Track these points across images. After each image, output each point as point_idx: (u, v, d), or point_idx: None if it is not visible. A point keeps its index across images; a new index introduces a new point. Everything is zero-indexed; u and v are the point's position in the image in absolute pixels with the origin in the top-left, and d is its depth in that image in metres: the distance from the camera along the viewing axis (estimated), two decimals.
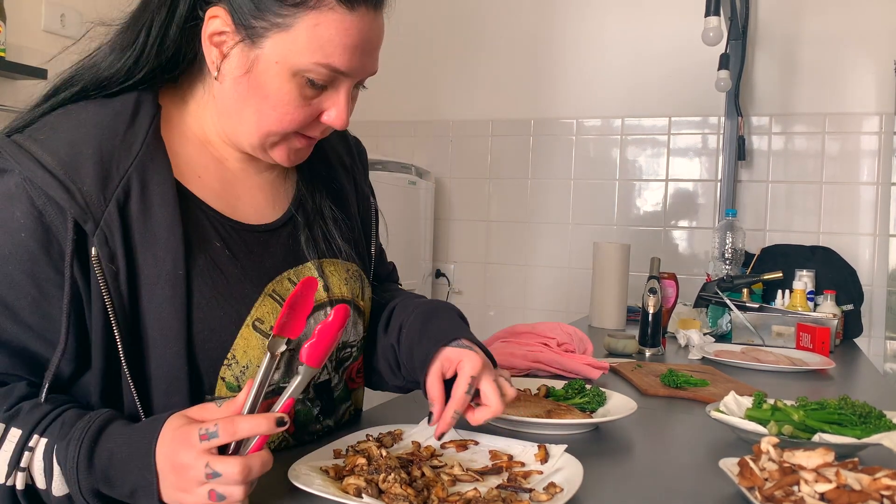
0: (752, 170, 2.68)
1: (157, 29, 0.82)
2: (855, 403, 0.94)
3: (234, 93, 0.81)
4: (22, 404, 0.72)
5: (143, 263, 0.75)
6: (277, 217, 0.91)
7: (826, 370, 1.58)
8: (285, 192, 0.94)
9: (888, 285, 2.45)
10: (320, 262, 0.92)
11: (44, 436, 0.70)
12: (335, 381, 0.94)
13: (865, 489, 0.64)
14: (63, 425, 0.70)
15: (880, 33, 2.50)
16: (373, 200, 1.08)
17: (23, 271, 0.72)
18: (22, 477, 0.69)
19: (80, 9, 2.39)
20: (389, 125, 3.16)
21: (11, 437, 0.70)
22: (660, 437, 1.03)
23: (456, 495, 0.69)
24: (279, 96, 0.79)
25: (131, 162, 0.77)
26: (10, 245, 0.72)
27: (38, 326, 0.74)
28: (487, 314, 3.04)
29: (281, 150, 0.85)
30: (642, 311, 1.69)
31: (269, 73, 0.79)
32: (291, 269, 0.88)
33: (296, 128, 0.82)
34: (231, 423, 0.64)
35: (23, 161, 0.73)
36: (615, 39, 2.85)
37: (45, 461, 0.69)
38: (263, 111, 0.81)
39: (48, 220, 0.72)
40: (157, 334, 0.75)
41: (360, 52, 0.80)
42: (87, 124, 0.77)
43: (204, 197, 0.84)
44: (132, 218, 0.75)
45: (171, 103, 0.87)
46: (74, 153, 0.74)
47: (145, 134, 0.79)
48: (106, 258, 0.73)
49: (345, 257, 0.96)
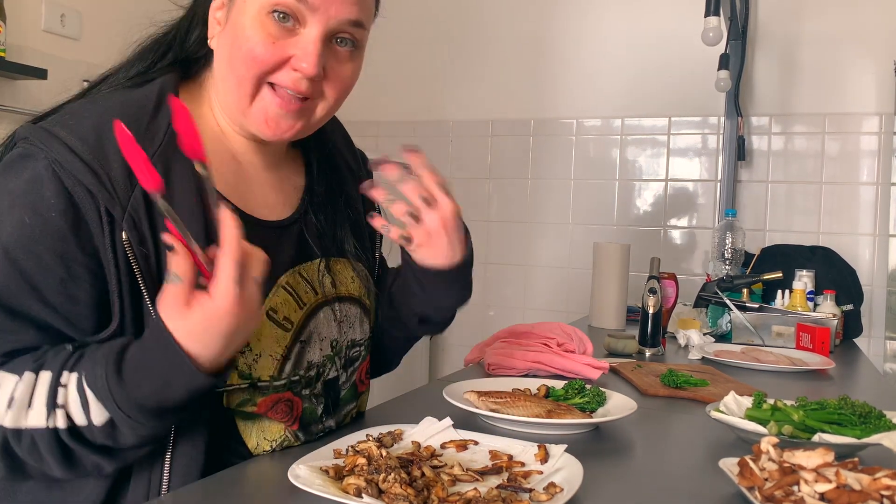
0: (751, 170, 2.68)
1: (183, 31, 0.88)
2: (855, 403, 0.94)
3: (219, 52, 0.84)
4: (47, 355, 0.73)
5: (166, 249, 0.76)
6: (288, 214, 0.92)
7: (826, 370, 1.58)
8: (295, 191, 0.96)
9: (888, 285, 2.45)
10: (328, 259, 0.94)
11: (73, 371, 0.72)
12: (342, 378, 0.95)
13: (865, 489, 0.64)
14: (89, 357, 0.72)
15: (880, 33, 2.50)
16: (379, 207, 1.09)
17: (52, 251, 0.73)
18: (62, 414, 0.70)
19: (80, 9, 2.39)
20: (389, 125, 3.16)
21: (43, 380, 0.71)
22: (660, 437, 1.03)
23: (456, 495, 0.69)
24: (246, 34, 0.80)
25: (155, 150, 0.78)
26: (40, 225, 0.72)
27: (63, 308, 0.74)
28: (487, 314, 3.04)
29: (258, 109, 0.83)
30: (642, 311, 1.69)
31: (240, 16, 0.81)
32: (300, 264, 0.90)
33: (261, 67, 0.80)
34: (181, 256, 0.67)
35: (52, 145, 0.74)
36: (615, 39, 2.85)
37: (79, 393, 0.71)
38: (235, 56, 0.81)
39: (77, 202, 0.73)
40: None
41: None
42: (113, 112, 0.78)
43: (221, 189, 0.85)
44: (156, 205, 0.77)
45: (189, 97, 0.88)
46: (101, 139, 0.75)
47: (168, 124, 0.80)
48: (136, 242, 0.74)
49: (353, 257, 0.98)
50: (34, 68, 2.13)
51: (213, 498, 0.71)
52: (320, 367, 0.91)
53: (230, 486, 0.74)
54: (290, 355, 0.86)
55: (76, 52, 2.38)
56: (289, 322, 0.87)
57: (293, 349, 0.87)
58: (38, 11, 2.27)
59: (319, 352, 0.91)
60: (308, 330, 0.89)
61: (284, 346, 0.86)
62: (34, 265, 0.73)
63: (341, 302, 0.94)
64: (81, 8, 2.40)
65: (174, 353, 0.68)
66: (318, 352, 0.90)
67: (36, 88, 2.23)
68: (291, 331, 0.87)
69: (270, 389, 0.84)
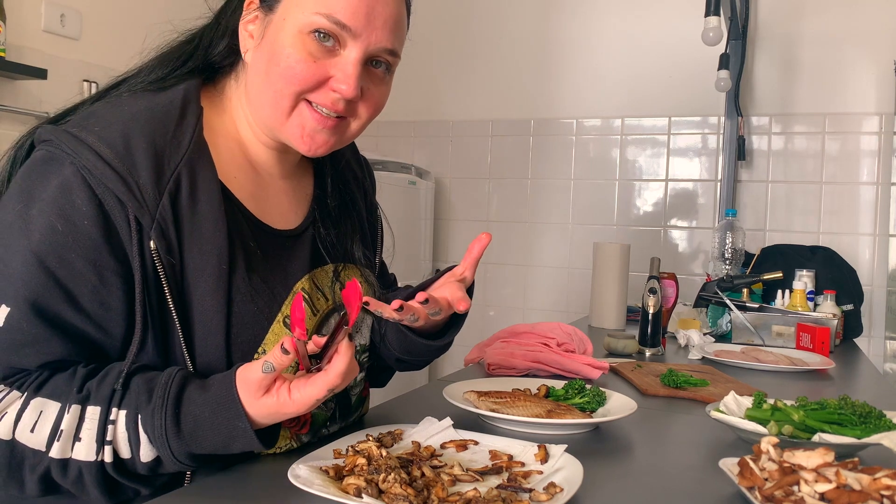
0: (752, 170, 2.68)
1: (207, 40, 0.88)
2: (855, 403, 0.94)
3: (255, 66, 0.84)
4: (89, 383, 0.74)
5: (190, 257, 0.77)
6: (299, 223, 0.93)
7: (826, 370, 1.58)
8: (305, 199, 0.97)
9: (888, 285, 2.46)
10: (337, 266, 0.95)
11: (122, 408, 0.73)
12: (352, 384, 0.95)
13: (865, 489, 0.64)
14: (138, 394, 0.73)
15: (880, 33, 2.50)
16: (381, 214, 1.11)
17: (85, 258, 0.73)
18: (109, 450, 0.72)
19: (80, 9, 2.39)
20: (389, 125, 3.16)
21: (92, 415, 0.72)
22: (660, 437, 1.03)
23: (456, 495, 0.69)
24: (286, 52, 0.80)
25: (181, 158, 0.79)
26: (72, 233, 0.73)
27: (96, 314, 0.75)
28: (487, 314, 3.05)
29: (295, 124, 0.84)
30: (642, 311, 1.69)
31: (278, 32, 0.81)
32: (312, 271, 0.91)
33: (301, 85, 0.81)
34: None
35: (81, 152, 0.74)
36: (615, 39, 2.85)
37: (128, 431, 0.72)
38: (273, 72, 0.82)
39: (108, 209, 0.74)
40: (199, 326, 0.78)
41: (365, 14, 0.81)
42: (140, 119, 0.78)
43: (241, 198, 0.86)
44: (182, 212, 0.77)
45: (209, 104, 0.89)
46: (130, 146, 0.76)
47: (192, 133, 0.81)
48: (164, 250, 0.75)
49: (361, 263, 0.99)
50: (34, 68, 2.13)
51: (214, 498, 0.71)
52: None
53: (230, 486, 0.74)
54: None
55: (76, 52, 2.38)
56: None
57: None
58: (38, 11, 2.27)
59: None
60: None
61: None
62: (68, 272, 0.73)
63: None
64: (81, 8, 2.40)
65: (240, 421, 0.72)
66: None
67: (36, 88, 2.23)
68: (306, 338, 0.87)
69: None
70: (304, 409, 0.72)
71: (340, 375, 0.71)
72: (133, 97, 0.83)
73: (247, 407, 0.71)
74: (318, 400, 0.72)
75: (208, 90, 0.90)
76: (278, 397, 0.71)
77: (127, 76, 0.89)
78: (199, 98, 0.86)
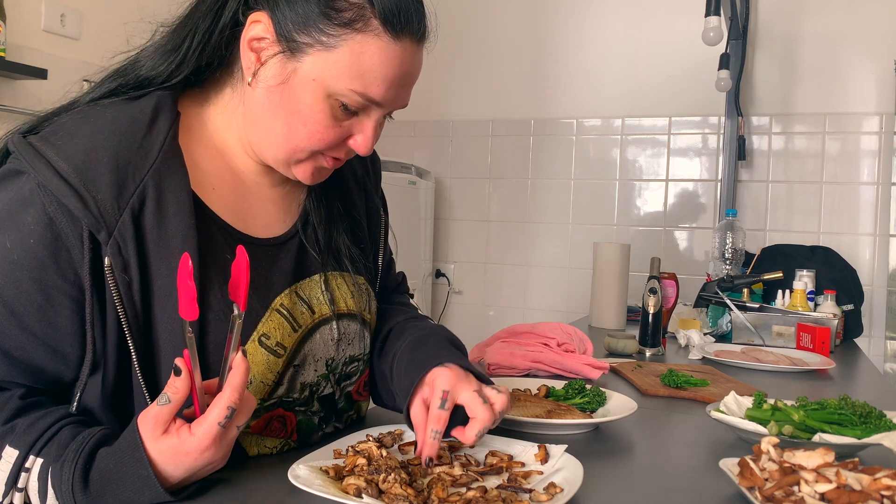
0: (752, 170, 2.68)
1: (200, 35, 0.81)
2: (855, 403, 0.94)
3: (266, 101, 0.80)
4: (17, 421, 0.71)
5: (157, 274, 0.74)
6: (286, 230, 0.90)
7: (826, 370, 1.58)
8: (296, 205, 0.93)
9: (888, 285, 2.46)
10: (326, 275, 0.91)
11: (39, 456, 0.70)
12: (338, 394, 0.93)
13: (865, 489, 0.64)
14: (59, 446, 0.70)
15: (880, 33, 2.50)
16: (383, 213, 1.07)
17: (30, 278, 0.71)
18: (20, 497, 0.69)
19: (80, 9, 2.39)
20: (389, 125, 3.13)
21: (8, 457, 0.70)
22: (660, 437, 1.03)
23: (456, 495, 0.69)
24: (311, 114, 0.79)
25: (147, 170, 0.75)
26: (19, 251, 0.71)
27: (43, 334, 0.73)
28: (487, 314, 3.05)
29: (306, 167, 0.84)
30: (642, 311, 1.69)
31: (304, 88, 0.78)
32: (297, 282, 0.88)
33: (324, 147, 0.81)
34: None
35: (38, 166, 0.72)
36: (615, 39, 2.85)
37: (39, 482, 0.69)
38: (293, 125, 0.80)
39: (58, 228, 0.71)
40: (167, 346, 0.75)
41: (398, 85, 0.81)
42: (105, 130, 0.76)
43: (217, 209, 0.83)
44: (146, 227, 0.74)
45: (191, 109, 0.85)
46: (90, 160, 0.73)
47: (163, 141, 0.78)
48: (119, 268, 0.72)
49: (353, 270, 0.95)
50: (34, 68, 2.13)
51: (214, 498, 0.71)
52: (314, 387, 0.88)
53: (230, 486, 0.74)
54: (282, 381, 0.84)
55: (76, 52, 2.38)
56: (281, 347, 0.83)
57: (286, 374, 0.84)
58: (38, 11, 2.27)
59: (314, 372, 0.88)
60: (302, 354, 0.86)
61: (276, 373, 0.83)
62: (13, 290, 0.71)
63: (340, 319, 0.91)
64: (81, 8, 2.40)
65: (144, 470, 0.67)
66: (313, 372, 0.88)
67: (36, 88, 2.23)
68: (284, 356, 0.83)
69: (262, 411, 0.82)
70: (209, 441, 0.67)
71: (237, 389, 0.67)
72: (105, 107, 0.80)
73: (149, 449, 0.67)
74: (222, 424, 0.67)
75: (193, 94, 0.87)
76: (179, 436, 0.67)
77: (122, 68, 0.85)
78: (176, 103, 0.82)
